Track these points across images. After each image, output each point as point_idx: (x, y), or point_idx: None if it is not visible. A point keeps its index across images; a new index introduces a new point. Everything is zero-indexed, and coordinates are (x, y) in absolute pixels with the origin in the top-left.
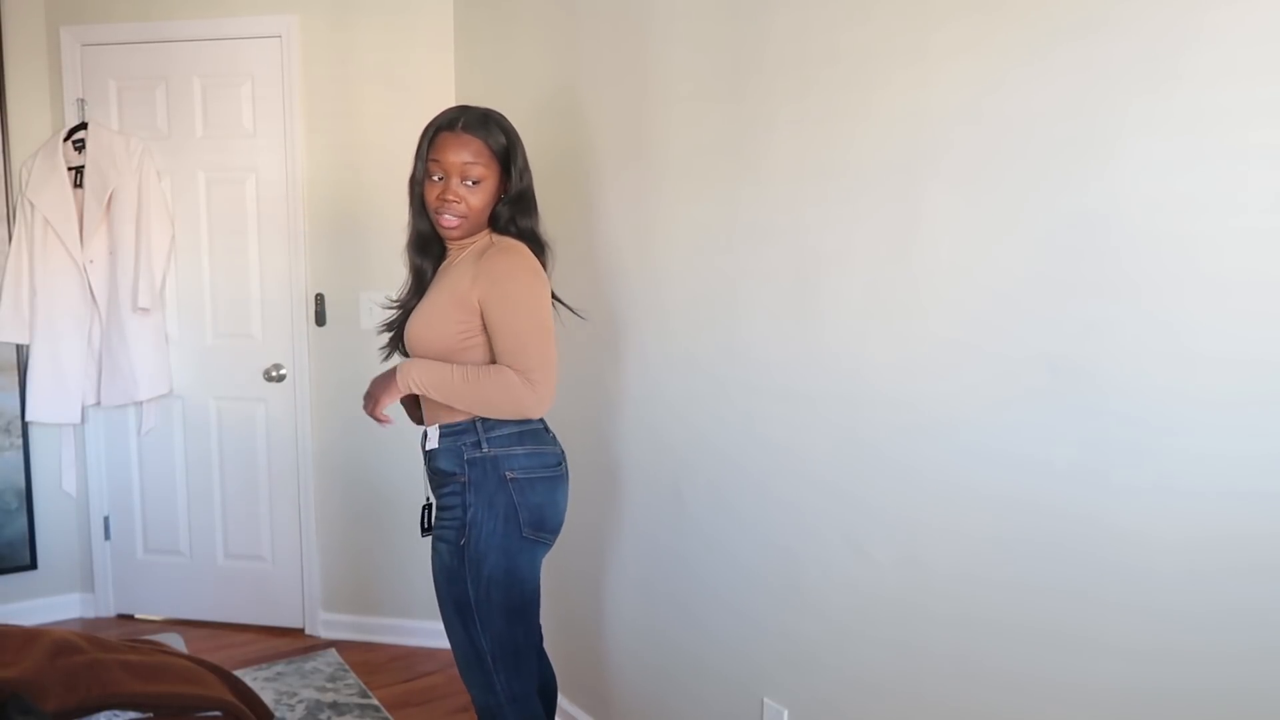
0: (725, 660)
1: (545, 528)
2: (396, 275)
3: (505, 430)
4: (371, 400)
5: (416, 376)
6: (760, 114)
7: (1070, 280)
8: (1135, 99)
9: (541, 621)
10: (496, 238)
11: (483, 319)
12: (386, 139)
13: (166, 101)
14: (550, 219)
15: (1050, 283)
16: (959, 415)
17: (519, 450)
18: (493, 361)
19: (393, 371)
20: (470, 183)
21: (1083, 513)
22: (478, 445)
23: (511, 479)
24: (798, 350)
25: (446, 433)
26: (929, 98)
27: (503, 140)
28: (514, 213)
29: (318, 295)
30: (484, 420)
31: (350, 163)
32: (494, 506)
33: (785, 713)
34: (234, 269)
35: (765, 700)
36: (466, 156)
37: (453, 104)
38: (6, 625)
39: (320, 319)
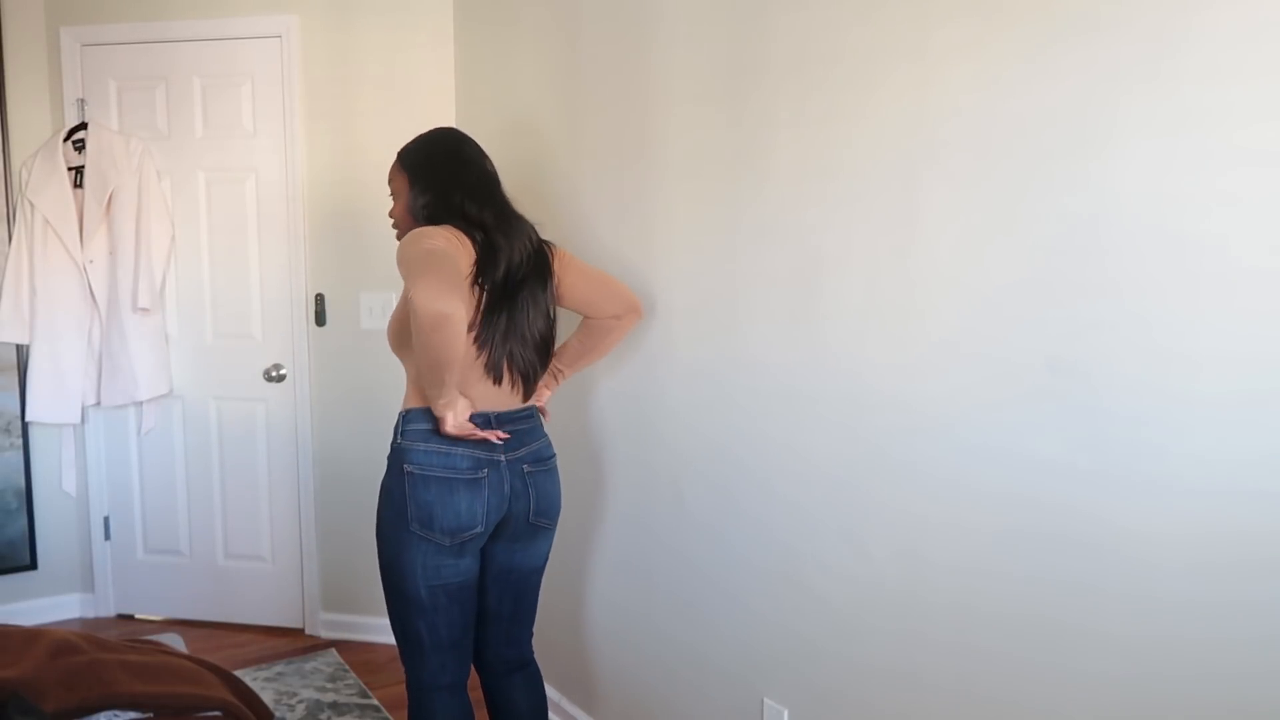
0: (726, 660)
1: (434, 527)
2: (398, 275)
3: (417, 426)
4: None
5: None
6: (760, 114)
7: (1068, 280)
8: (1134, 99)
9: (536, 623)
10: None
11: None
12: (386, 139)
13: (166, 101)
14: (549, 220)
15: (1048, 282)
16: (959, 415)
17: (421, 447)
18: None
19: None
20: (391, 195)
21: (1083, 510)
22: (396, 436)
23: (408, 472)
24: (798, 352)
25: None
26: (928, 98)
27: (410, 159)
28: (426, 215)
29: (318, 295)
30: (406, 413)
31: (350, 163)
32: (390, 496)
33: (785, 713)
34: (234, 269)
35: (765, 700)
36: (388, 175)
37: (452, 105)
38: (6, 625)
39: (320, 319)
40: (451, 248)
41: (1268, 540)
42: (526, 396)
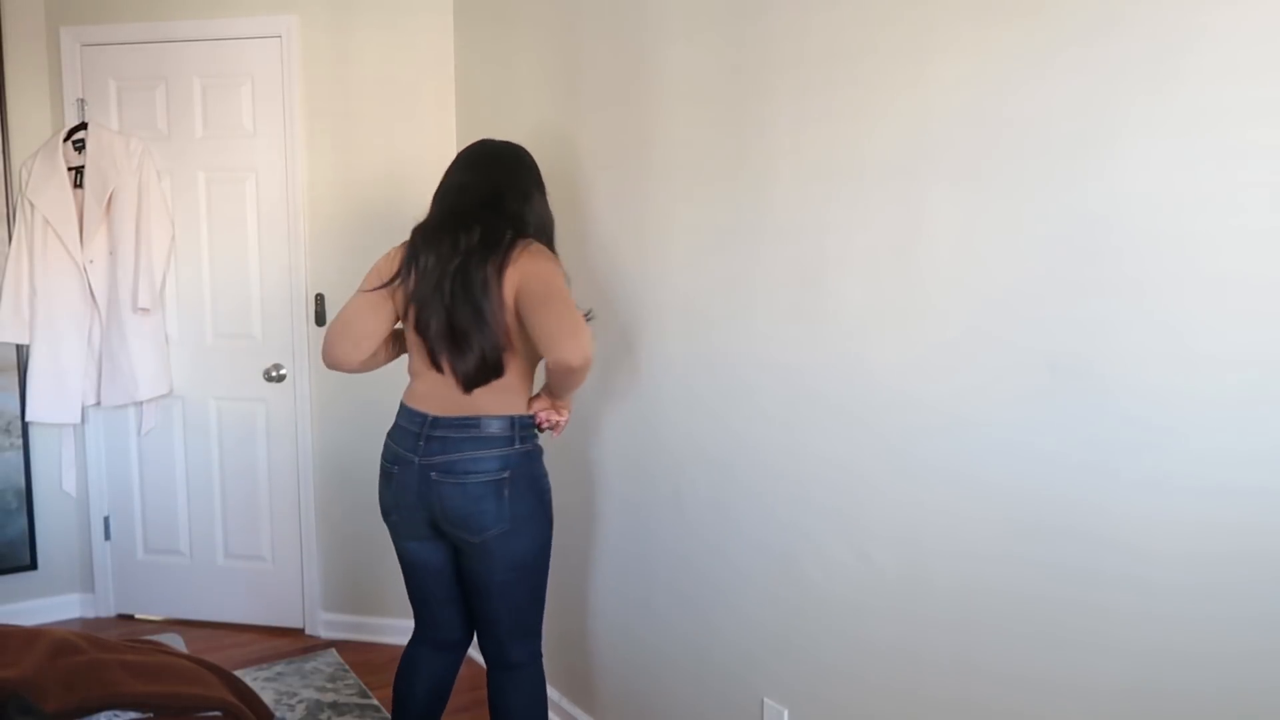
0: (726, 660)
1: (381, 504)
2: None
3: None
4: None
5: None
6: (763, 115)
7: (1071, 280)
8: (1136, 99)
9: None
10: None
11: None
12: (386, 139)
13: (166, 101)
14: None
15: (1051, 282)
16: (962, 413)
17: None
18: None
19: None
20: None
21: (1085, 504)
22: None
23: None
24: (800, 351)
25: None
26: (931, 98)
27: None
28: None
29: (318, 295)
30: None
31: (350, 163)
32: None
33: (785, 712)
34: (234, 269)
35: (765, 700)
36: None
37: (452, 105)
38: (6, 625)
39: (320, 319)
40: (371, 278)
41: (1264, 533)
42: (467, 393)
